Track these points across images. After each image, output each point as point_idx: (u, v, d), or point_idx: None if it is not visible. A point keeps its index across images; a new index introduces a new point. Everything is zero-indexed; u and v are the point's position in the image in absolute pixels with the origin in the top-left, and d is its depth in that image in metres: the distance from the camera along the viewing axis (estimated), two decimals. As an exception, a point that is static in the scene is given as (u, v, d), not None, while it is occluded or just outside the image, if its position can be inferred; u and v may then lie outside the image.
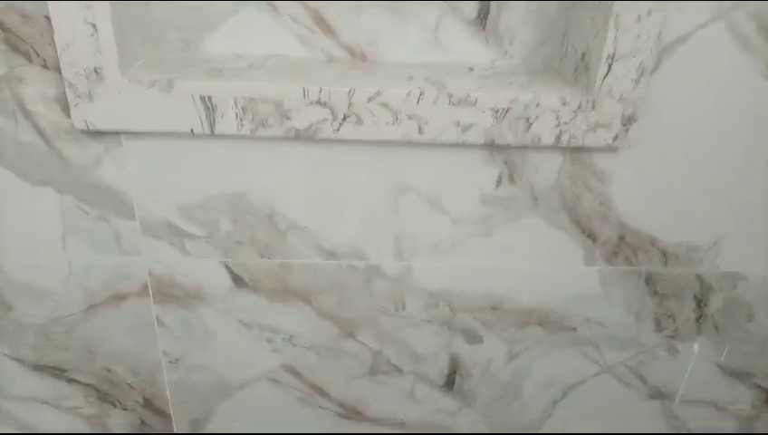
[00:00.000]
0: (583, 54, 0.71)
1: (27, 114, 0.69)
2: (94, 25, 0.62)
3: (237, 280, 0.83)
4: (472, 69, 0.76)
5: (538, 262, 0.84)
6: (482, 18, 0.74)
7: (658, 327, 0.92)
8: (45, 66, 0.66)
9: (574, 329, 0.91)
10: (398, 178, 0.76)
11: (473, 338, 0.91)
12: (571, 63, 0.74)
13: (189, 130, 0.68)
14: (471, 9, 0.73)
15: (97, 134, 0.70)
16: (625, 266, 0.85)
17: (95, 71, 0.64)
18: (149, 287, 0.83)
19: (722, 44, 0.69)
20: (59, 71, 0.65)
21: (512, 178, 0.77)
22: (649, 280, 0.87)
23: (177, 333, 0.87)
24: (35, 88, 0.67)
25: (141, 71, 0.67)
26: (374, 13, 0.72)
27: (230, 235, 0.79)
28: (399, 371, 0.93)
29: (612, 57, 0.66)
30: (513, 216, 0.80)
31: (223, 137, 0.71)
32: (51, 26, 0.61)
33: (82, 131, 0.70)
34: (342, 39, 0.75)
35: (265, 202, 0.77)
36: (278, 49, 0.74)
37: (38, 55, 0.65)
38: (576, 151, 0.75)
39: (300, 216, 0.78)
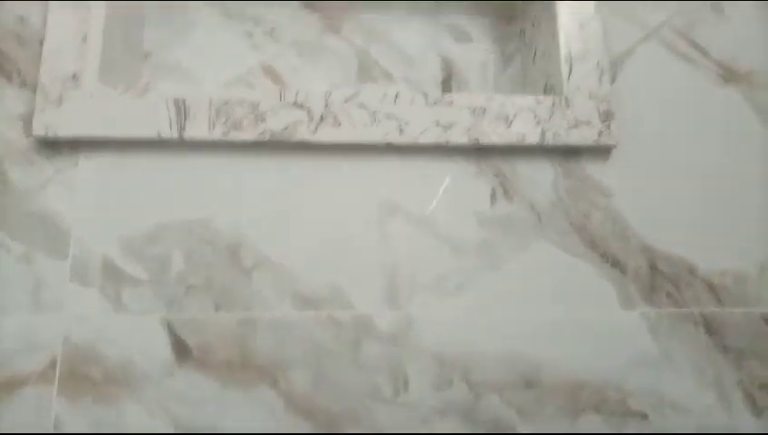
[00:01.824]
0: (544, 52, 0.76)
1: (-16, 134, 0.65)
2: (86, 35, 0.66)
3: (181, 349, 0.62)
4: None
5: (564, 305, 0.68)
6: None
7: (755, 406, 0.67)
8: (24, 84, 0.66)
9: (645, 417, 0.66)
10: (384, 193, 0.68)
11: (509, 439, 0.64)
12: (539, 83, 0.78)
13: (156, 134, 0.64)
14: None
15: (53, 151, 0.65)
16: (671, 308, 0.69)
17: (73, 76, 0.65)
18: (58, 366, 0.61)
19: (663, 58, 0.76)
20: (34, 88, 0.66)
21: (507, 194, 0.70)
22: (710, 328, 0.69)
23: (78, 447, 0.59)
24: (4, 107, 0.66)
25: (118, 77, 0.68)
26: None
27: (181, 276, 0.64)
28: None
29: (570, 57, 0.72)
30: (518, 240, 0.69)
31: (192, 145, 0.66)
32: (41, 51, 0.65)
33: (38, 148, 0.65)
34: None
35: (231, 229, 0.65)
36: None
37: (19, 75, 0.66)
38: (566, 159, 0.71)
39: (270, 247, 0.66)
